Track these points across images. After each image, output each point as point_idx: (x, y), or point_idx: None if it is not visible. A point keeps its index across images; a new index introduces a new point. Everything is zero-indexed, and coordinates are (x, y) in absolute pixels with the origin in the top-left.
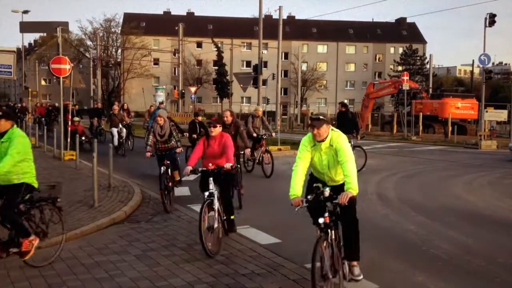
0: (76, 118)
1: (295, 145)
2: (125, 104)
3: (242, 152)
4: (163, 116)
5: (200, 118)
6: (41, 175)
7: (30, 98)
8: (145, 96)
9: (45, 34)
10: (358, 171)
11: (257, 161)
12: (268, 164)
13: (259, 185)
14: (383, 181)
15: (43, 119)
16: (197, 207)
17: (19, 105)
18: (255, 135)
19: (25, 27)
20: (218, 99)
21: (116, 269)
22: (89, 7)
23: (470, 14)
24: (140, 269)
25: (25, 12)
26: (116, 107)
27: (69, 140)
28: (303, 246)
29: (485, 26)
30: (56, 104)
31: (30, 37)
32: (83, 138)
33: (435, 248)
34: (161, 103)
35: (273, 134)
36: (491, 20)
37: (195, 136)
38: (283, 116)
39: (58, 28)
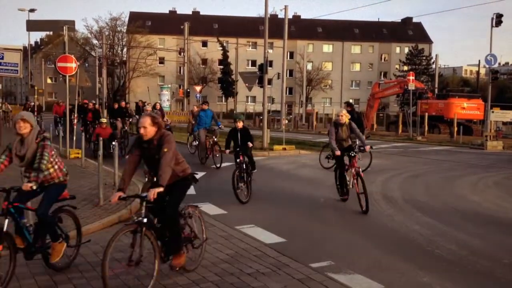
0: (104, 120)
1: (299, 144)
2: (158, 104)
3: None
4: (28, 120)
5: (240, 124)
6: None
7: (36, 96)
8: (150, 95)
9: (51, 33)
10: (363, 171)
11: (350, 186)
12: (362, 194)
13: (263, 184)
14: (388, 181)
15: (61, 119)
16: (202, 205)
17: (32, 103)
18: (338, 153)
19: (32, 25)
20: (223, 98)
21: (121, 267)
22: (95, 6)
23: (476, 14)
24: (145, 267)
25: (32, 10)
26: (148, 107)
27: (102, 145)
28: (308, 245)
29: (492, 26)
30: (65, 104)
31: (37, 36)
32: (113, 143)
33: (440, 249)
34: (205, 103)
35: (368, 147)
36: (498, 20)
37: (227, 151)
38: (288, 116)
39: (64, 27)
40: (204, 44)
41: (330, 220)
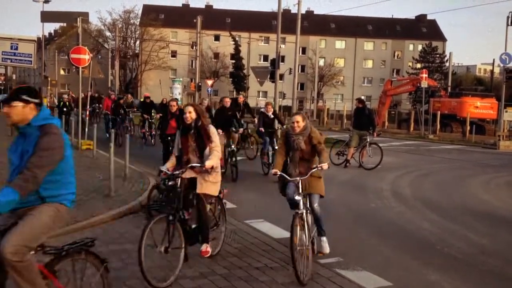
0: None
1: None
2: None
3: None
4: None
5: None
6: None
7: (49, 87)
8: (162, 88)
9: (65, 24)
10: (373, 168)
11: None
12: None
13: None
14: (398, 178)
15: (110, 116)
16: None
17: (66, 96)
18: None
19: (46, 16)
20: (235, 92)
21: (131, 258)
22: None
23: (492, 12)
24: (154, 259)
25: (46, 1)
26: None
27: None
28: (317, 241)
29: (507, 25)
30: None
31: (50, 27)
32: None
33: (450, 247)
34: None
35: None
36: None
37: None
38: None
39: (78, 18)
40: (217, 38)
41: (339, 217)
